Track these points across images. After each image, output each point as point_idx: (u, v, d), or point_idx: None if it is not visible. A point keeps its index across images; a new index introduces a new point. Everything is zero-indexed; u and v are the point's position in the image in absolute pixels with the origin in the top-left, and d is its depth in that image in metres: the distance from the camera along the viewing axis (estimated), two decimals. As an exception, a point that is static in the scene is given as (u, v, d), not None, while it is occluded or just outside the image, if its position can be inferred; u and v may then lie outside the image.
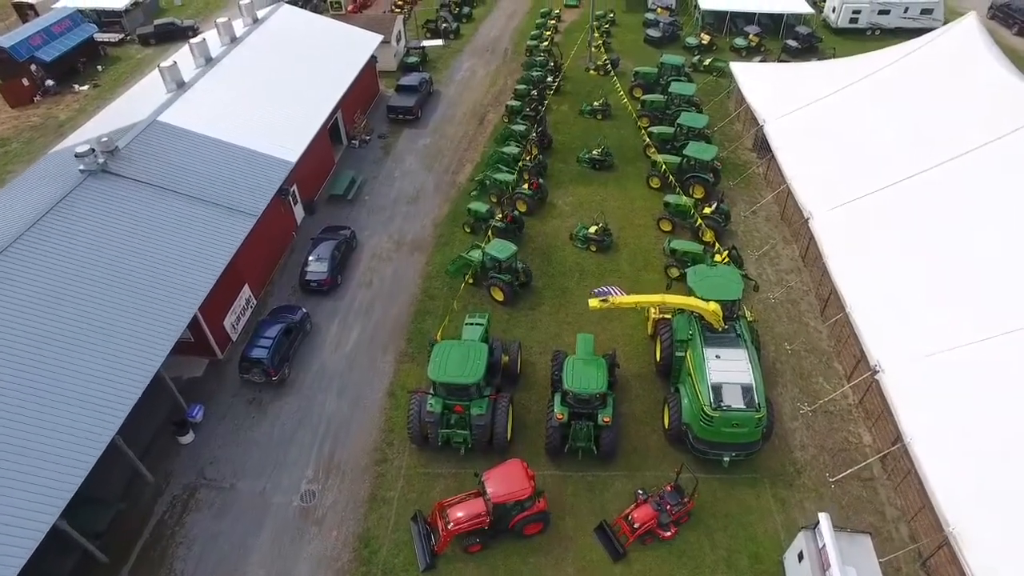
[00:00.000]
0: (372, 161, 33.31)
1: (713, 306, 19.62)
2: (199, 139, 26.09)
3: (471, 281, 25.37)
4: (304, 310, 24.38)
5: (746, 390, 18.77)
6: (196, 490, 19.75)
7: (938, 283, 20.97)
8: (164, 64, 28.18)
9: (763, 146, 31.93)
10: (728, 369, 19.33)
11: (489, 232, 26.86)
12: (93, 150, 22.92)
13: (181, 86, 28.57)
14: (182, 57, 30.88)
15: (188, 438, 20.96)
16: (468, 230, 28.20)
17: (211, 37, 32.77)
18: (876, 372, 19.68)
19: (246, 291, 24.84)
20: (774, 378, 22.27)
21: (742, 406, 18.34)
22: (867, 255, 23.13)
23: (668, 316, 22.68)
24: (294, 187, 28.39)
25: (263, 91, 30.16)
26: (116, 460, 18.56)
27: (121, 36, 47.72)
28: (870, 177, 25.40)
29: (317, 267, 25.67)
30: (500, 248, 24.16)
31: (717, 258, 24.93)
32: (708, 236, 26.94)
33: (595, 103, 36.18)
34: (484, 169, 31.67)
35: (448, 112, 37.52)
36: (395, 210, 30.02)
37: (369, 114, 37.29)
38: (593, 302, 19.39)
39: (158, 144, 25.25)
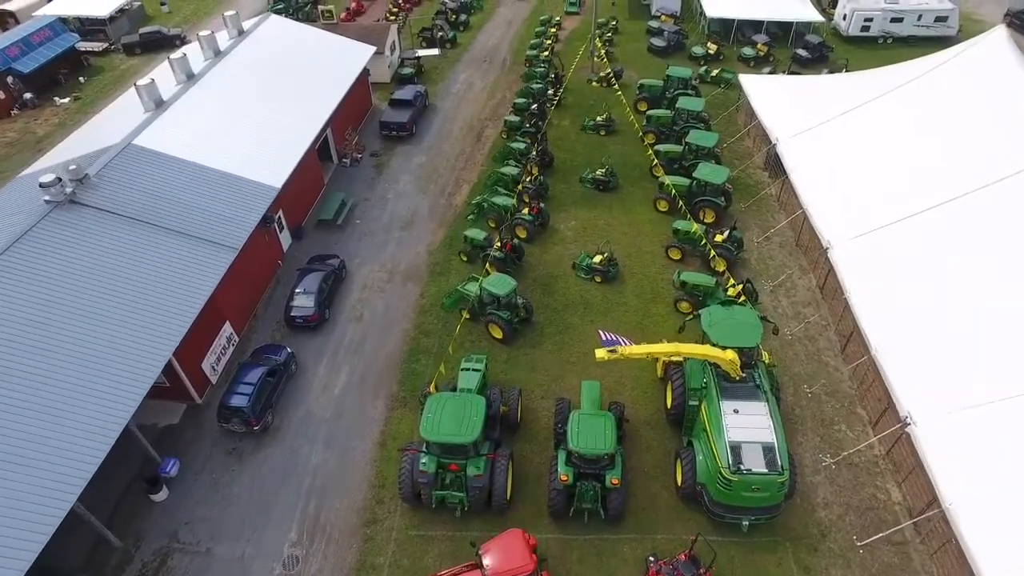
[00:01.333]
0: (363, 181, 31.72)
1: (731, 355, 18.06)
2: (177, 164, 24.43)
3: (468, 316, 23.86)
4: (289, 350, 22.76)
5: (767, 450, 17.21)
6: (168, 555, 18.11)
7: (975, 326, 19.29)
8: (141, 82, 26.49)
9: (775, 164, 30.36)
10: (747, 426, 17.76)
11: (487, 264, 25.29)
12: (59, 179, 21.27)
13: (160, 105, 26.87)
14: (161, 74, 29.28)
15: (161, 495, 19.34)
16: (464, 258, 26.58)
17: (193, 51, 31.15)
18: (907, 424, 18.25)
19: (227, 329, 23.23)
20: (793, 425, 20.74)
21: (763, 469, 16.77)
22: (893, 291, 21.50)
23: (679, 360, 21.21)
24: (280, 213, 26.82)
25: (248, 109, 28.48)
26: (77, 527, 17.07)
27: (105, 45, 46.02)
28: (895, 204, 23.70)
29: (303, 302, 24.04)
30: (499, 284, 22.58)
31: (731, 291, 23.45)
32: (720, 266, 25.44)
33: (598, 118, 34.56)
34: (482, 191, 30.09)
35: (444, 127, 35.90)
36: (388, 236, 28.40)
37: (361, 130, 35.66)
38: (600, 353, 17.84)
39: (132, 170, 23.57)
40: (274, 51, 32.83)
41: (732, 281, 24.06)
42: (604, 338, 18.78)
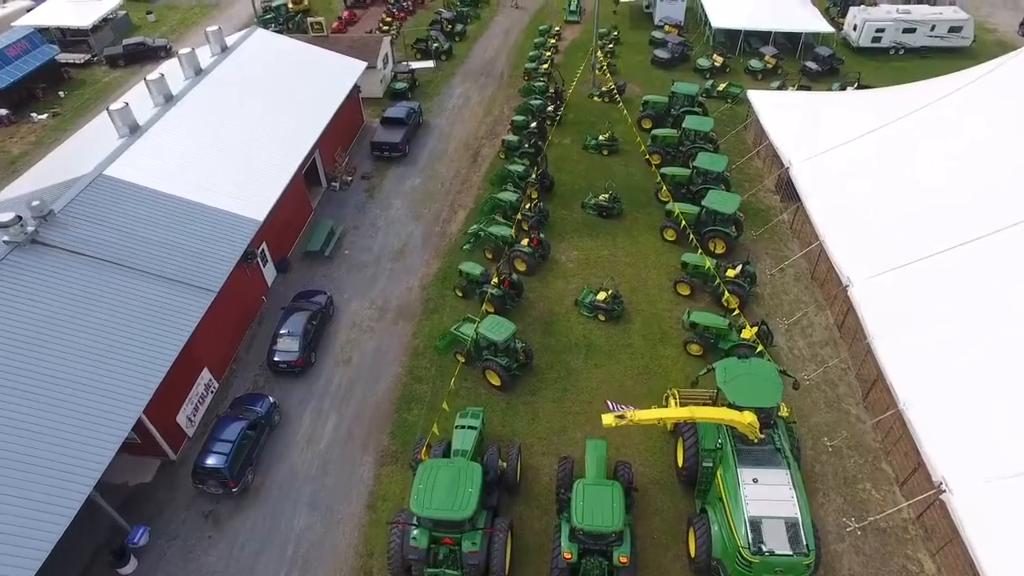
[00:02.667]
0: (354, 207, 30.09)
1: (749, 417, 16.54)
2: (151, 196, 22.77)
3: (463, 360, 22.38)
4: (272, 400, 21.18)
5: (791, 526, 15.70)
6: (136, 638, 16.80)
7: (1013, 381, 17.74)
8: (114, 107, 24.81)
9: (788, 187, 28.86)
10: (768, 497, 16.25)
11: (484, 302, 23.76)
12: (19, 218, 19.68)
13: (135, 130, 25.17)
14: (138, 95, 27.70)
15: (129, 567, 17.73)
16: (460, 294, 25.01)
17: (172, 70, 29.38)
18: (941, 491, 16.81)
19: (205, 375, 21.65)
20: (813, 483, 19.24)
21: (787, 550, 15.28)
22: (921, 337, 19.90)
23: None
24: (263, 246, 25.25)
25: (230, 133, 26.78)
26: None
27: (87, 57, 44.26)
28: (921, 239, 22.12)
29: (287, 345, 22.41)
30: (496, 328, 21.03)
31: (744, 334, 21.94)
32: (732, 303, 23.96)
33: (600, 137, 32.96)
34: (478, 218, 28.44)
35: (439, 147, 34.29)
36: (378, 268, 26.81)
37: (352, 149, 34.04)
38: (607, 419, 16.33)
39: (102, 205, 21.93)
40: (259, 69, 31.16)
41: (745, 322, 22.54)
42: (612, 407, 17.34)
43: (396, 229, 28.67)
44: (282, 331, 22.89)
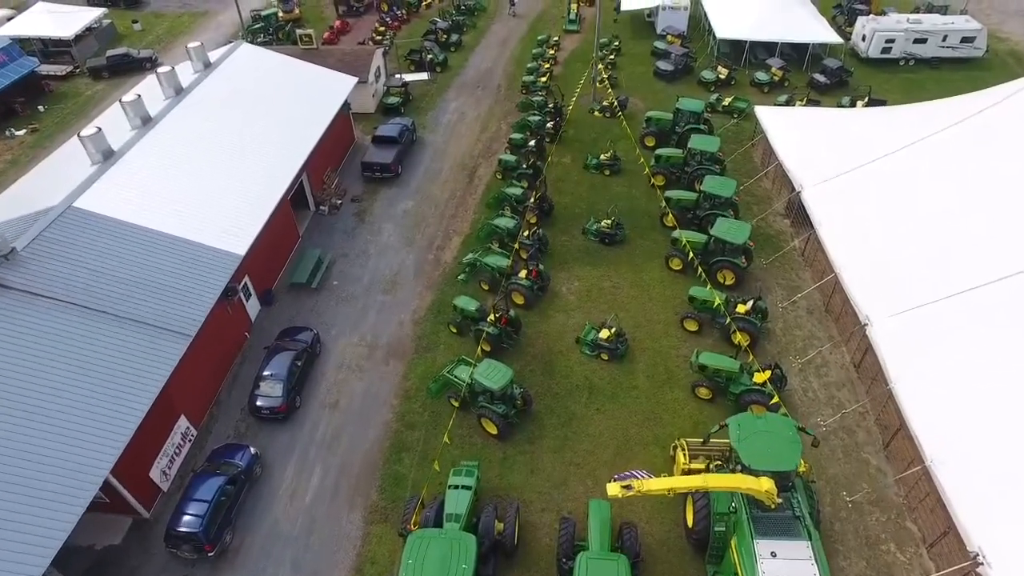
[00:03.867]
0: (343, 232, 28.67)
1: (767, 484, 15.19)
2: (124, 230, 21.30)
3: (457, 405, 21.03)
4: (253, 451, 19.78)
5: (814, 606, 14.60)
6: None
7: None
8: (86, 132, 23.34)
9: (799, 211, 27.57)
10: (789, 573, 15.11)
11: (480, 341, 22.40)
12: (-22, 260, 18.45)
13: (108, 157, 23.78)
14: (109, 120, 26.19)
15: (95, 644, 16.70)
16: (454, 330, 23.64)
17: (150, 90, 27.94)
18: (977, 563, 15.54)
19: (182, 424, 20.26)
20: (833, 543, 17.90)
21: (811, 637, 14.17)
22: (950, 383, 18.45)
23: (700, 467, 18.32)
24: (246, 279, 23.87)
25: (210, 158, 25.29)
26: None
27: (69, 69, 42.68)
28: (947, 273, 20.74)
29: (270, 390, 21.01)
30: (493, 374, 19.64)
31: (757, 378, 20.65)
32: (742, 340, 22.67)
33: (602, 156, 31.49)
34: (474, 245, 27.08)
35: (433, 166, 32.86)
36: (368, 300, 25.42)
37: (342, 169, 32.50)
38: (612, 489, 14.97)
39: (70, 240, 20.45)
40: (244, 87, 29.69)
41: (756, 364, 21.10)
42: (618, 474, 16.03)
43: (387, 257, 27.26)
44: (265, 374, 21.48)
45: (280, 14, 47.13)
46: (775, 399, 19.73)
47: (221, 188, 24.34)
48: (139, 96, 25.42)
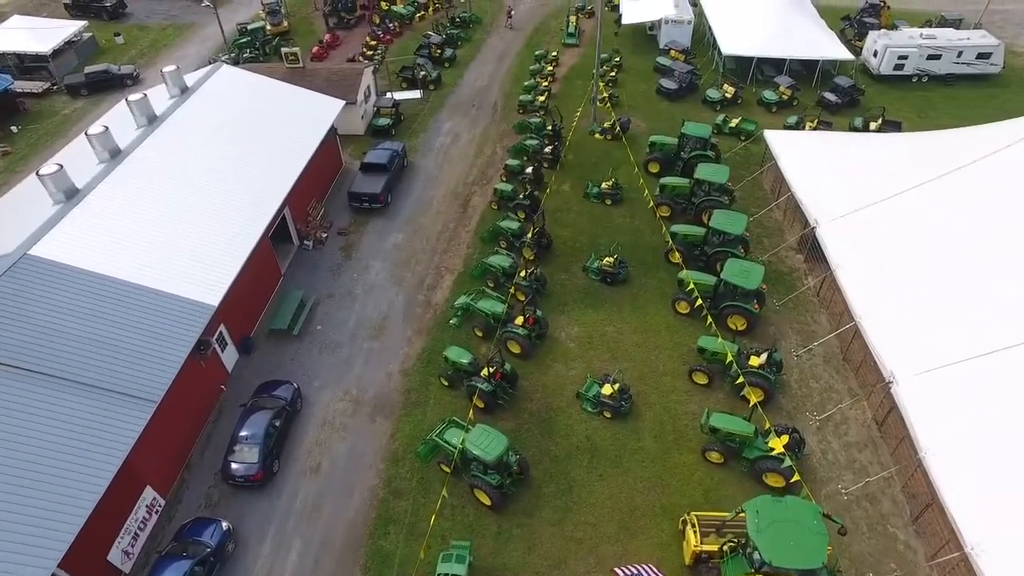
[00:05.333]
0: (328, 270, 26.89)
1: (792, 586, 13.81)
2: (85, 281, 19.55)
3: (449, 471, 19.42)
4: (225, 526, 18.01)
5: None
6: None
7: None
8: (45, 170, 21.58)
9: (813, 246, 25.97)
10: None
11: (474, 398, 20.64)
12: (-81, 323, 16.78)
13: (71, 196, 22.11)
14: (74, 153, 24.47)
15: None
16: (446, 383, 22.01)
17: (120, 119, 26.20)
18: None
19: (148, 494, 18.50)
20: (860, 634, 16.55)
21: None
22: (992, 457, 16.74)
23: (712, 548, 16.85)
24: (221, 329, 22.21)
25: (184, 195, 23.56)
26: None
27: (47, 85, 40.77)
28: (984, 328, 19.09)
29: (245, 456, 19.24)
30: (486, 443, 17.91)
31: (773, 444, 19.05)
32: (754, 397, 21.05)
33: (604, 184, 29.79)
34: (467, 285, 25.33)
35: (424, 194, 31.07)
36: (354, 348, 23.71)
37: (329, 198, 30.70)
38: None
39: (24, 295, 18.66)
40: (222, 113, 27.85)
41: (770, 425, 19.26)
42: (622, 571, 14.49)
43: (375, 298, 25.54)
44: (240, 435, 19.78)
45: (268, 27, 45.35)
46: (795, 476, 18.02)
47: (195, 229, 22.57)
48: (106, 128, 23.67)
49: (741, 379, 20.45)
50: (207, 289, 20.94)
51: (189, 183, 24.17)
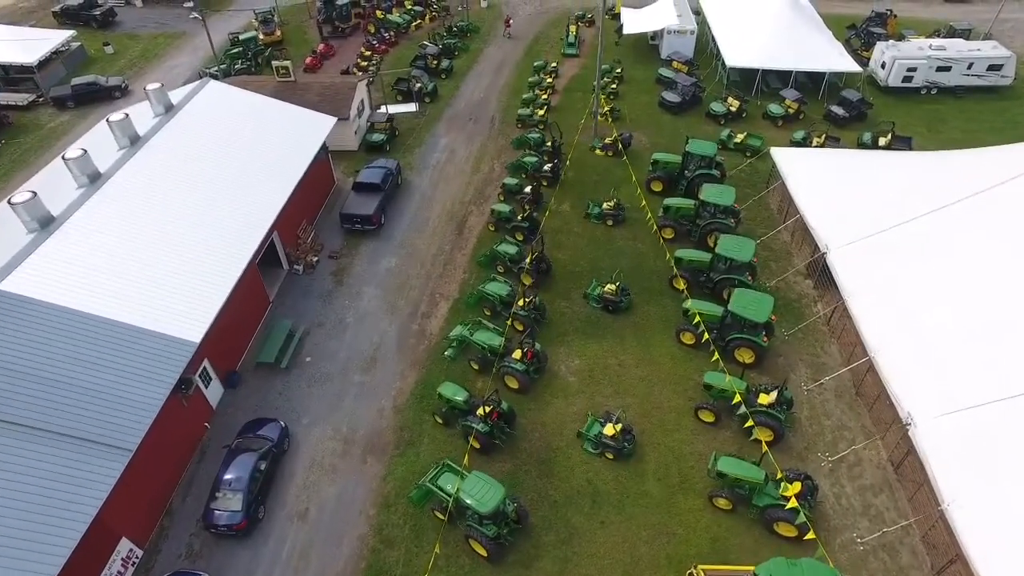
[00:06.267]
0: (319, 296, 25.81)
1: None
2: (57, 318, 18.45)
3: (443, 519, 18.45)
4: (204, 580, 17.44)
5: None
6: None
7: None
8: (18, 198, 20.47)
9: (823, 272, 24.97)
10: None
11: (470, 439, 19.68)
12: None
13: (47, 224, 21.07)
14: (51, 177, 23.43)
15: None
16: (440, 420, 21.01)
17: (101, 139, 25.15)
18: None
19: (124, 546, 17.43)
20: None
21: None
22: (1015, 503, 16.14)
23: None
24: (204, 364, 21.19)
25: (167, 221, 22.48)
26: None
27: (32, 97, 39.65)
28: (1010, 367, 18.05)
29: (228, 503, 18.19)
30: (481, 494, 16.87)
31: (785, 491, 18.02)
32: (763, 437, 20.10)
33: (605, 204, 28.76)
34: (462, 314, 24.32)
35: (419, 214, 30.01)
36: (344, 382, 22.65)
37: (321, 217, 29.67)
38: None
39: (-6, 335, 18.07)
40: (209, 133, 26.76)
41: (781, 475, 18.28)
42: None
43: (367, 327, 24.49)
44: (224, 480, 18.72)
45: (261, 36, 44.30)
46: (809, 533, 17.02)
47: (177, 258, 21.48)
48: (84, 152, 22.54)
49: (751, 422, 19.51)
50: (189, 324, 19.88)
51: (172, 209, 23.10)
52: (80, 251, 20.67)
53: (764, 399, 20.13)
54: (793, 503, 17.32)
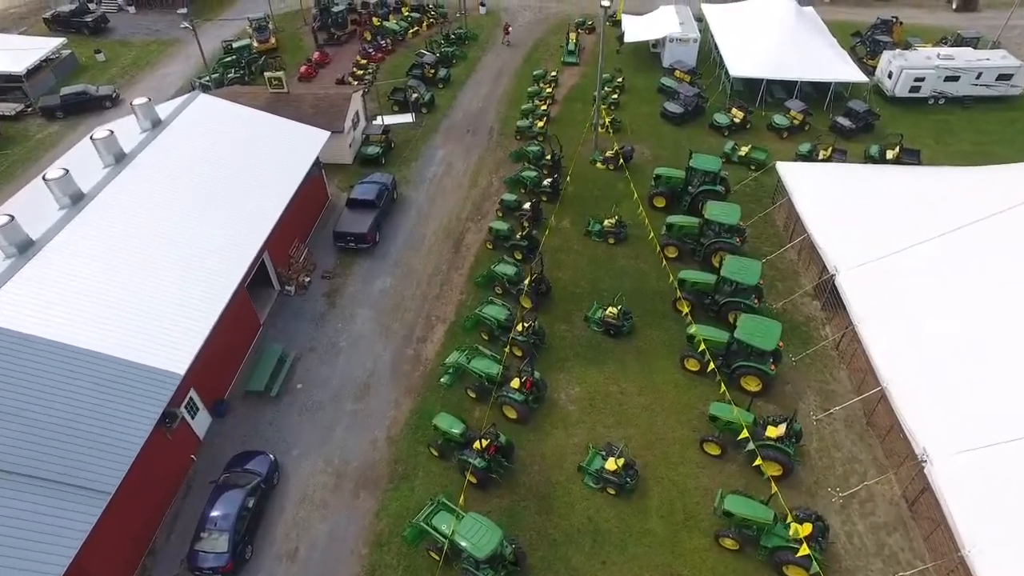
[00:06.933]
0: (310, 319, 24.95)
1: None
2: (32, 351, 17.54)
3: (439, 559, 17.68)
4: (187, 630, 16.64)
5: None
6: None
7: None
8: (-7, 225, 19.97)
9: (832, 293, 24.16)
10: None
11: (467, 474, 18.85)
12: None
13: (25, 250, 20.16)
14: (31, 199, 22.48)
15: None
16: (436, 453, 20.21)
17: (84, 157, 24.32)
18: None
19: (103, 590, 17.07)
20: None
21: None
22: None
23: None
24: (191, 394, 20.32)
25: (150, 245, 21.59)
26: None
27: (20, 107, 38.73)
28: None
29: (213, 544, 17.30)
30: (477, 537, 16.01)
31: (795, 532, 17.30)
32: (772, 472, 19.32)
33: (606, 222, 27.91)
34: (459, 339, 23.47)
35: (415, 231, 29.14)
36: (337, 410, 21.79)
37: (314, 234, 28.79)
38: None
39: (-34, 370, 17.24)
40: (197, 149, 25.91)
41: (792, 517, 17.39)
42: None
43: (360, 351, 23.66)
44: (210, 518, 17.86)
45: (255, 44, 43.47)
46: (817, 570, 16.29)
47: (162, 283, 20.64)
48: (66, 172, 21.73)
49: (759, 461, 18.69)
50: (174, 354, 19.02)
51: (158, 231, 22.25)
52: (59, 277, 19.81)
53: (773, 432, 19.31)
54: (805, 549, 16.60)
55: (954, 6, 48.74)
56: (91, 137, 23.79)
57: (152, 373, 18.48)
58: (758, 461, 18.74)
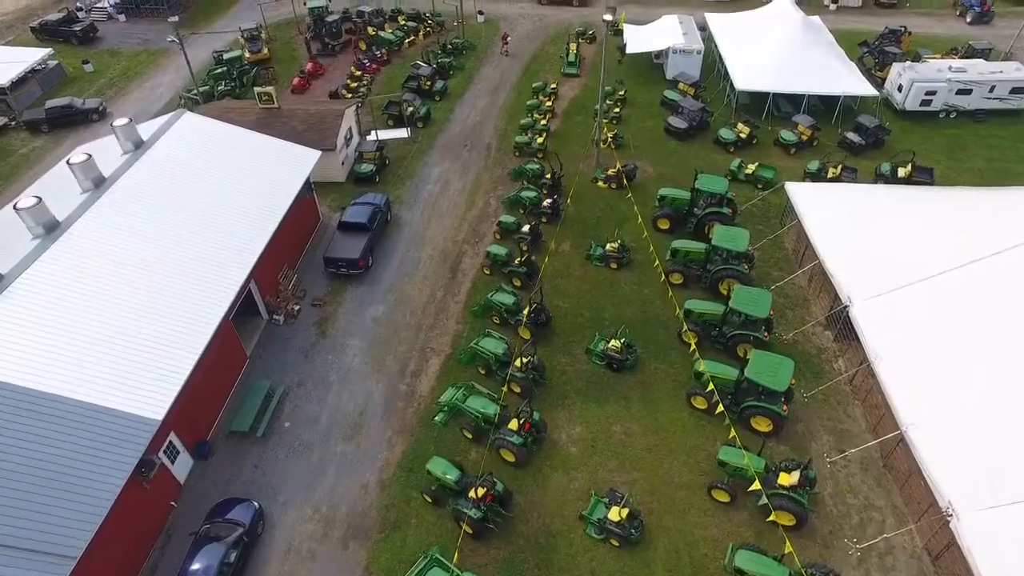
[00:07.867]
0: (299, 351, 23.84)
1: None
2: None
3: (431, 617, 16.65)
4: None
5: None
6: None
7: None
8: (-34, 259, 18.94)
9: (845, 324, 23.10)
10: None
11: (464, 525, 17.76)
12: None
13: (-4, 287, 19.44)
14: (4, 227, 21.25)
15: None
16: (429, 499, 19.04)
17: (61, 182, 23.10)
18: None
19: (72, 657, 15.96)
20: None
21: None
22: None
23: None
24: (170, 438, 19.24)
25: (129, 277, 20.47)
26: None
27: (4, 121, 37.64)
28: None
29: (190, 605, 16.80)
30: (472, 603, 15.39)
31: (811, 590, 16.29)
32: (785, 522, 18.26)
33: (608, 246, 26.78)
34: (454, 376, 22.36)
35: (409, 255, 27.95)
36: (326, 451, 20.69)
37: (305, 258, 27.65)
38: None
39: (-73, 421, 16.11)
40: (180, 172, 24.76)
41: (804, 574, 16.32)
42: None
43: (351, 387, 22.52)
44: (190, 571, 16.81)
45: (247, 55, 42.35)
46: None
47: (141, 318, 19.52)
48: (39, 200, 20.54)
49: (774, 516, 17.63)
50: (151, 397, 17.88)
51: (137, 262, 21.09)
52: (28, 315, 18.64)
53: (785, 479, 18.21)
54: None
55: (968, 20, 47.62)
56: (67, 161, 22.68)
57: (127, 420, 17.33)
58: (773, 516, 17.71)
